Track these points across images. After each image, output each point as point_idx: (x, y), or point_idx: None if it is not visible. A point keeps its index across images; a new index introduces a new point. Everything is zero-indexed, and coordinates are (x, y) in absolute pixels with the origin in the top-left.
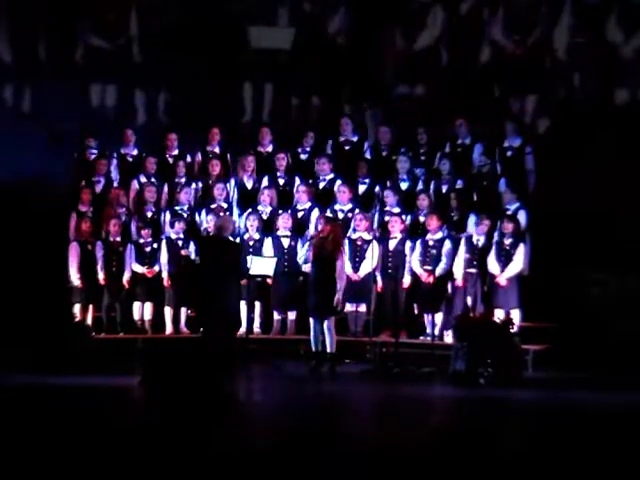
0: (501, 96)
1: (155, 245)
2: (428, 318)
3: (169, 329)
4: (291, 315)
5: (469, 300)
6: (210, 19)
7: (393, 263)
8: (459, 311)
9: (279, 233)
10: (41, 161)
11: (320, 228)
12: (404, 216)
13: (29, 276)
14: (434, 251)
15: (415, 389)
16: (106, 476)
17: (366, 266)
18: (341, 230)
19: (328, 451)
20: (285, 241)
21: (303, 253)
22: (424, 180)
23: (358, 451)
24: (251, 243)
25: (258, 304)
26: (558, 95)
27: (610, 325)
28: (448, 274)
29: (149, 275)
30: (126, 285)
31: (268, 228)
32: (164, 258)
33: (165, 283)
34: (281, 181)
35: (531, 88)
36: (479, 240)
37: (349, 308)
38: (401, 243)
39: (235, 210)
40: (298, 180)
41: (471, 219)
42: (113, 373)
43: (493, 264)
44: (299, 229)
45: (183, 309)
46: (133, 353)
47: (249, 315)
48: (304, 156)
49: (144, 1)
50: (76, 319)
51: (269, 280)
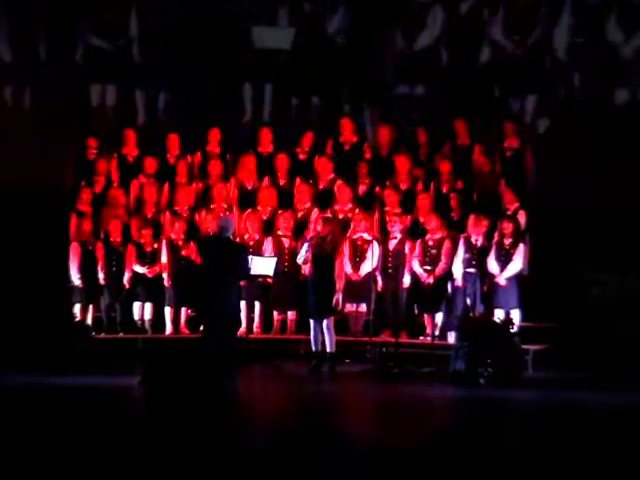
0: (501, 96)
1: (155, 245)
2: (428, 318)
3: (169, 329)
4: (291, 315)
5: (468, 300)
6: (210, 19)
7: (393, 263)
8: (459, 311)
9: (279, 233)
10: (41, 161)
11: (319, 228)
12: (404, 216)
13: (29, 276)
14: (434, 251)
15: (415, 389)
16: (106, 476)
17: (366, 266)
18: (340, 230)
19: (328, 451)
20: (285, 241)
21: (302, 253)
22: (424, 180)
23: (358, 451)
24: (251, 243)
25: (258, 304)
26: (558, 95)
27: (610, 325)
28: (448, 274)
29: (150, 275)
30: (127, 285)
31: (268, 228)
32: (164, 258)
33: (166, 283)
34: (281, 181)
35: (531, 88)
36: (477, 240)
37: (349, 308)
38: (401, 243)
39: (235, 210)
40: (298, 180)
41: (471, 219)
42: (113, 373)
43: (493, 264)
44: (299, 229)
45: (183, 309)
46: (133, 353)
47: (249, 315)
48: (303, 156)
49: (144, 1)
50: (76, 319)
51: (269, 280)
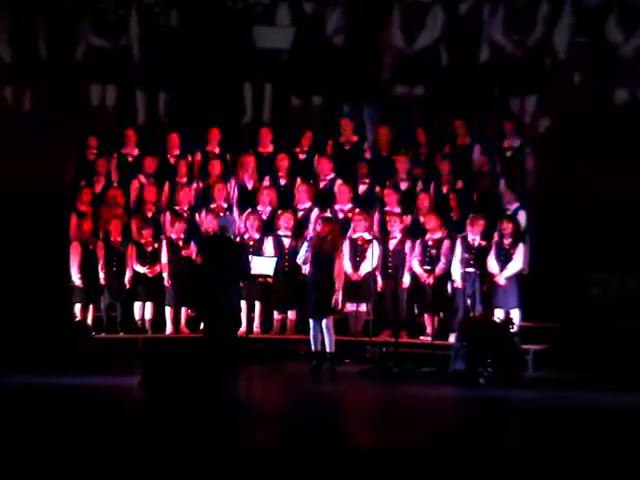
0: (501, 96)
1: (156, 245)
2: (428, 318)
3: (169, 329)
4: (291, 315)
5: (468, 300)
6: (210, 19)
7: (393, 263)
8: (459, 311)
9: (280, 233)
10: (41, 161)
11: (318, 228)
12: (404, 216)
13: (29, 276)
14: (434, 251)
15: (415, 389)
16: (106, 476)
17: (366, 266)
18: (339, 230)
19: (328, 451)
20: (286, 241)
21: (302, 253)
22: (424, 180)
23: (358, 451)
24: (251, 243)
25: (258, 304)
26: (558, 95)
27: (610, 325)
28: (448, 274)
29: (150, 275)
30: (128, 285)
31: (268, 228)
32: (165, 258)
33: (166, 283)
34: (282, 181)
35: (531, 88)
36: (475, 240)
37: (349, 308)
38: (401, 243)
39: (235, 210)
40: (299, 180)
41: (468, 219)
42: (113, 373)
43: (493, 264)
44: (299, 229)
45: (183, 309)
46: (133, 353)
47: (249, 315)
48: (303, 156)
49: (144, 1)
50: (76, 319)
51: (269, 280)
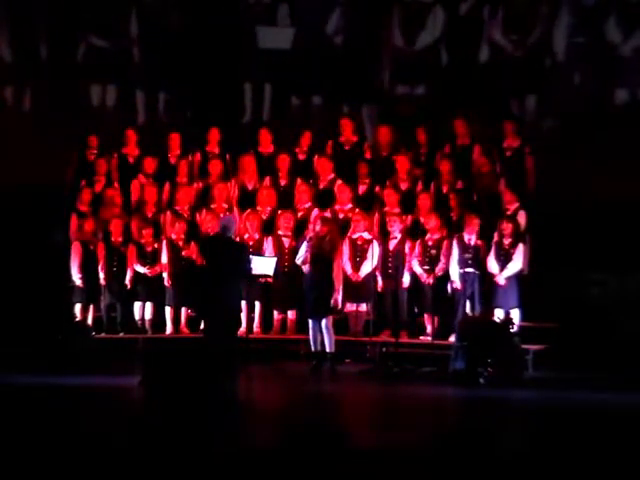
0: (501, 96)
1: (156, 245)
2: (428, 318)
3: (169, 329)
4: (291, 315)
5: (468, 301)
6: (210, 19)
7: (393, 263)
8: (459, 311)
9: (280, 233)
10: (41, 161)
11: (317, 228)
12: (404, 216)
13: (30, 276)
14: (434, 251)
15: (415, 389)
16: (107, 476)
17: (366, 266)
18: (338, 231)
19: (328, 451)
20: (286, 241)
21: (301, 253)
22: (424, 180)
23: (358, 451)
24: (251, 243)
25: (258, 304)
26: (558, 95)
27: (610, 325)
28: (448, 274)
29: (151, 275)
30: (129, 285)
31: (268, 228)
32: (165, 258)
33: (166, 283)
34: (283, 181)
35: (531, 88)
36: (470, 239)
37: (349, 308)
38: (401, 243)
39: (235, 210)
40: (299, 180)
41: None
42: (113, 373)
43: (493, 264)
44: (299, 229)
45: (183, 309)
46: (133, 353)
47: (249, 315)
48: (302, 156)
49: (144, 1)
50: (76, 319)
51: (269, 280)
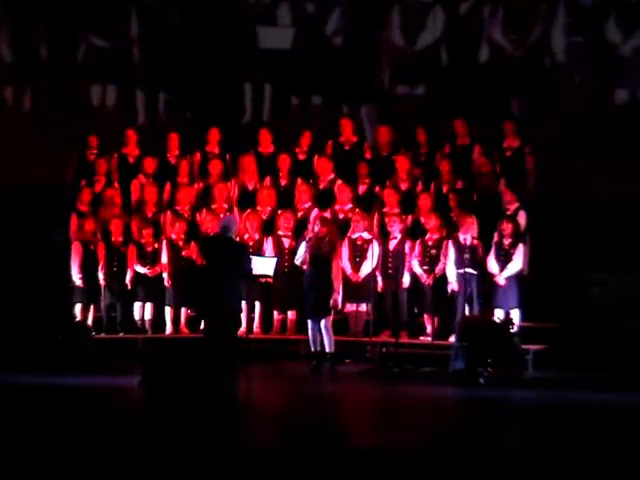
0: (501, 96)
1: (156, 245)
2: (428, 318)
3: (169, 329)
4: (291, 315)
5: (466, 304)
6: (210, 19)
7: (393, 263)
8: (459, 311)
9: (280, 233)
10: (41, 161)
11: (316, 229)
12: (404, 216)
13: (30, 276)
14: (434, 251)
15: (415, 389)
16: (107, 476)
17: (366, 266)
18: (337, 231)
19: (328, 451)
20: (286, 241)
21: (300, 254)
22: (424, 180)
23: (358, 451)
24: (251, 243)
25: (258, 304)
26: (558, 95)
27: (610, 325)
28: (447, 274)
29: (151, 275)
30: (129, 285)
31: (268, 228)
32: (165, 258)
33: (166, 283)
34: (283, 182)
35: (531, 88)
36: (466, 239)
37: (349, 308)
38: (401, 243)
39: (235, 210)
40: (299, 180)
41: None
42: (113, 373)
43: (492, 264)
44: (299, 229)
45: (183, 309)
46: (133, 353)
47: (249, 315)
48: (302, 156)
49: (144, 1)
50: (76, 319)
51: (269, 280)
